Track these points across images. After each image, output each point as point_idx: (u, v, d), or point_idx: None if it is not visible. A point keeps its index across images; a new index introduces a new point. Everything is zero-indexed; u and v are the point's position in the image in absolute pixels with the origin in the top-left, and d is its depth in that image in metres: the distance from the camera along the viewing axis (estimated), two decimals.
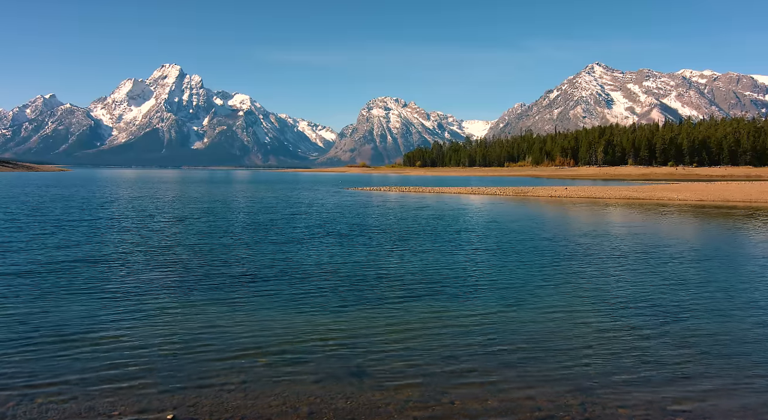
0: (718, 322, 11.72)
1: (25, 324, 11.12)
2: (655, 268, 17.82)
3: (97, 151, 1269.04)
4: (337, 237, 24.98)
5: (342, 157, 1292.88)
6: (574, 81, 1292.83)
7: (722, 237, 25.89)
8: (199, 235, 25.38)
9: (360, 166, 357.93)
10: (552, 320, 11.80)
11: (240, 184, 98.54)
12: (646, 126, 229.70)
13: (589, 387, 8.34)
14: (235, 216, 35.20)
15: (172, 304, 12.78)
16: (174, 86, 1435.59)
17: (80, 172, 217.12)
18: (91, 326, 11.04)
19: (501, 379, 8.60)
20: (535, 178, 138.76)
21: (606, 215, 38.11)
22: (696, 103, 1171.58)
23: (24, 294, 13.54)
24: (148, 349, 9.75)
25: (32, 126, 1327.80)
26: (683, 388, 8.35)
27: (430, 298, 13.58)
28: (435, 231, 27.51)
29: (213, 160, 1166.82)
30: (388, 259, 19.10)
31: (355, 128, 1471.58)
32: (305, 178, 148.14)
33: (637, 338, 10.65)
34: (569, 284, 15.32)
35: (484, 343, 10.32)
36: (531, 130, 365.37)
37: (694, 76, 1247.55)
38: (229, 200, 51.54)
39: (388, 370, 8.95)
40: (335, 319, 11.77)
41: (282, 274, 16.28)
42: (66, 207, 40.06)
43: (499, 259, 19.20)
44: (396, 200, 52.96)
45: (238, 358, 9.40)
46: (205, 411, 7.44)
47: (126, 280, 15.34)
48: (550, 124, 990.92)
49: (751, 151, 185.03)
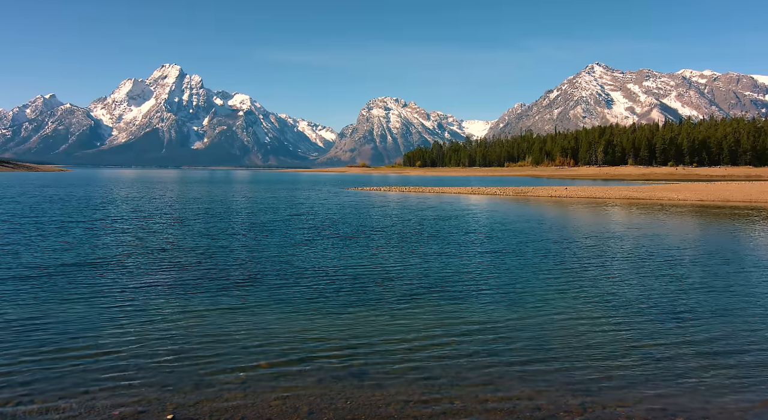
0: (719, 322, 11.72)
1: (26, 324, 11.12)
2: (655, 268, 17.81)
3: (97, 151, 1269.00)
4: (337, 237, 24.97)
5: (342, 157, 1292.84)
6: (574, 81, 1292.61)
7: (722, 237, 25.88)
8: (199, 235, 25.37)
9: (360, 166, 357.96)
10: (552, 320, 11.80)
11: (240, 185, 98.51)
12: (646, 126, 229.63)
13: (589, 387, 8.34)
14: (235, 217, 35.20)
15: (172, 304, 12.77)
16: (174, 86, 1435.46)
17: (80, 172, 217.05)
18: (91, 326, 11.04)
19: (501, 379, 8.60)
20: (535, 178, 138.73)
21: (606, 215, 38.11)
22: (696, 103, 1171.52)
23: (24, 295, 13.54)
24: (148, 350, 9.75)
25: (32, 126, 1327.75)
26: (683, 388, 8.35)
27: (431, 298, 13.58)
28: (435, 231, 27.51)
29: (213, 160, 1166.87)
30: (388, 260, 19.09)
31: (355, 128, 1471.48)
32: (305, 178, 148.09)
33: (637, 338, 10.65)
34: (569, 284, 15.32)
35: (484, 343, 10.31)
36: (531, 130, 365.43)
37: (694, 76, 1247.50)
38: (229, 201, 51.53)
39: (388, 370, 8.95)
40: (335, 319, 11.77)
41: (282, 275, 16.28)
42: (67, 207, 40.05)
43: (499, 259, 19.19)
44: (396, 200, 52.95)
45: (238, 358, 9.40)
46: (205, 411, 7.44)
47: (125, 280, 15.34)
48: (550, 124, 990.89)
49: (751, 151, 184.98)
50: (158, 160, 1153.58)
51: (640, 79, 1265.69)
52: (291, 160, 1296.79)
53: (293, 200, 51.88)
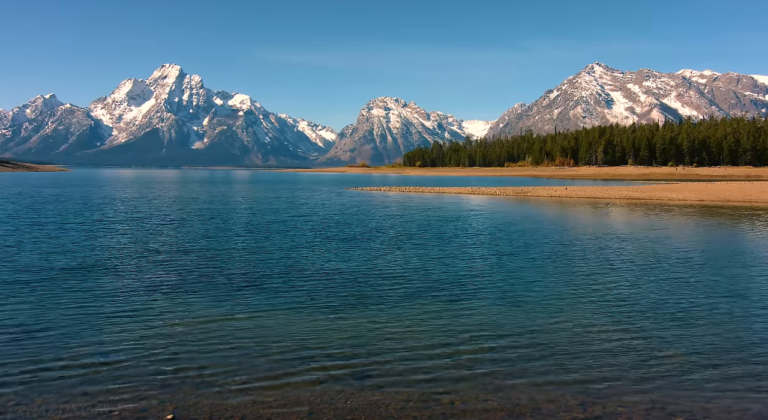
0: (719, 323, 11.72)
1: (26, 324, 11.12)
2: (654, 268, 17.81)
3: (97, 151, 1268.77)
4: (337, 237, 24.97)
5: (342, 157, 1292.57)
6: (574, 81, 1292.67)
7: (722, 237, 25.89)
8: (199, 236, 25.38)
9: (360, 166, 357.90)
10: (552, 320, 11.79)
11: (240, 185, 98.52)
12: (646, 126, 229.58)
13: (589, 387, 8.34)
14: (235, 217, 35.20)
15: (172, 305, 12.77)
16: (174, 86, 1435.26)
17: (80, 173, 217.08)
18: (91, 326, 11.04)
19: (501, 379, 8.60)
20: (535, 178, 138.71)
21: (606, 215, 38.11)
22: (696, 103, 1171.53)
23: (24, 295, 13.54)
24: (147, 350, 9.75)
25: (32, 126, 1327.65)
26: (683, 388, 8.35)
27: (431, 299, 13.58)
28: (434, 231, 27.51)
29: (213, 160, 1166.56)
30: (389, 260, 19.09)
31: (355, 128, 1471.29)
32: (305, 178, 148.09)
33: (637, 338, 10.64)
34: (569, 284, 15.32)
35: (484, 343, 10.31)
36: (531, 130, 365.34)
37: (694, 76, 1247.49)
38: (229, 201, 51.53)
39: (388, 370, 8.95)
40: (335, 319, 11.77)
41: (282, 275, 16.28)
42: (66, 208, 40.05)
43: (499, 260, 19.20)
44: (396, 200, 52.95)
45: (239, 358, 9.40)
46: (205, 411, 7.44)
47: (125, 280, 15.34)
48: (550, 124, 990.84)
49: (751, 151, 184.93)
50: (158, 160, 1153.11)
51: (640, 79, 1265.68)
52: (291, 160, 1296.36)
53: (293, 200, 51.87)
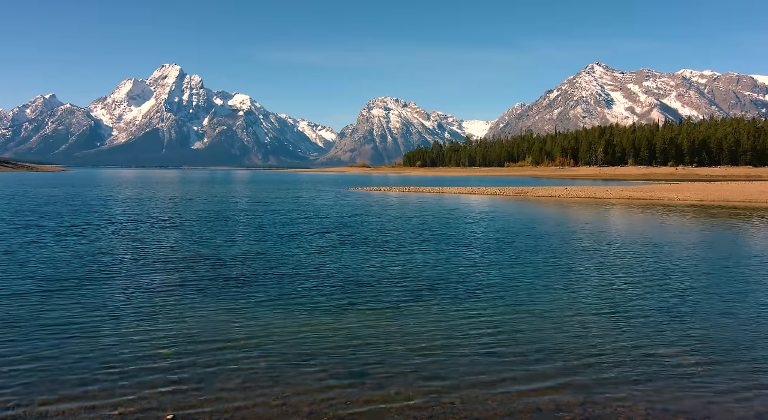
0: (719, 322, 11.72)
1: (26, 325, 11.12)
2: (655, 268, 17.81)
3: (97, 151, 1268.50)
4: (337, 237, 24.97)
5: (342, 157, 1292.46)
6: (574, 81, 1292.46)
7: (722, 237, 25.89)
8: (198, 236, 25.38)
9: (360, 166, 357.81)
10: (552, 320, 11.79)
11: (240, 185, 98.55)
12: (646, 126, 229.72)
13: (589, 387, 8.34)
14: (235, 217, 35.21)
15: (173, 305, 12.77)
16: (174, 86, 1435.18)
17: (80, 173, 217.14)
18: (91, 326, 11.04)
19: (501, 379, 8.60)
20: (535, 178, 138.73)
21: (606, 215, 38.12)
22: (696, 103, 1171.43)
23: (23, 295, 13.54)
24: (148, 350, 9.75)
25: (32, 126, 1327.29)
26: (683, 388, 8.35)
27: (431, 299, 13.58)
28: (434, 231, 27.51)
29: (213, 160, 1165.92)
30: (389, 260, 19.09)
31: (355, 128, 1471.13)
32: (305, 179, 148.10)
33: (637, 338, 10.64)
34: (570, 284, 15.32)
35: (484, 343, 10.31)
36: (531, 130, 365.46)
37: (694, 76, 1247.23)
38: (230, 201, 51.54)
39: (388, 370, 8.95)
40: (336, 319, 11.77)
41: (282, 275, 16.28)
42: (66, 208, 40.05)
43: (499, 260, 19.19)
44: (396, 200, 52.96)
45: (239, 358, 9.40)
46: (205, 411, 7.44)
47: (126, 280, 15.34)
48: (550, 124, 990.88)
49: (751, 151, 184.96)
50: (158, 160, 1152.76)
51: (640, 79, 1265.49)
52: (291, 160, 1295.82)
53: (293, 200, 51.88)
